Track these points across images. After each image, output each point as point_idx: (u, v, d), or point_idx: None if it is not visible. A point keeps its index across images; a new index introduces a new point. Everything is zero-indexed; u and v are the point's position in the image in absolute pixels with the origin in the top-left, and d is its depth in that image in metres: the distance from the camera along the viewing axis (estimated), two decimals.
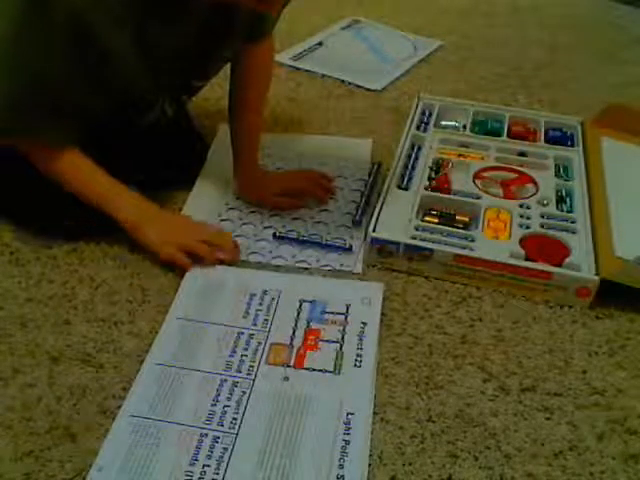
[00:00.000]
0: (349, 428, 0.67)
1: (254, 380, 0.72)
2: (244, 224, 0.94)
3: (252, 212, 0.96)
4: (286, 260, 0.88)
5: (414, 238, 0.87)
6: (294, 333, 0.77)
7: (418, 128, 1.09)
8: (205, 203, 0.97)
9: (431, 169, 1.00)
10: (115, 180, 0.85)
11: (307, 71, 1.34)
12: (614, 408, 0.71)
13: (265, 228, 0.93)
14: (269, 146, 1.08)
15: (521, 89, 1.30)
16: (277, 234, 0.91)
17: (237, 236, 0.91)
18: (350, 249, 0.89)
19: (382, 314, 0.80)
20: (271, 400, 0.70)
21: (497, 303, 0.83)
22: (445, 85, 1.30)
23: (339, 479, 0.63)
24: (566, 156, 1.03)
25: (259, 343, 0.76)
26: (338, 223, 0.94)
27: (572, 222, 0.90)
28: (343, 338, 0.77)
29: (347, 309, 0.80)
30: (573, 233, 0.89)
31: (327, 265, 0.87)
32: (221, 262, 0.86)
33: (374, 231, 0.87)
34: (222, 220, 0.95)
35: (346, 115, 1.20)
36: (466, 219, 0.91)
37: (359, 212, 0.95)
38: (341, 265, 0.87)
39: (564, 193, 0.96)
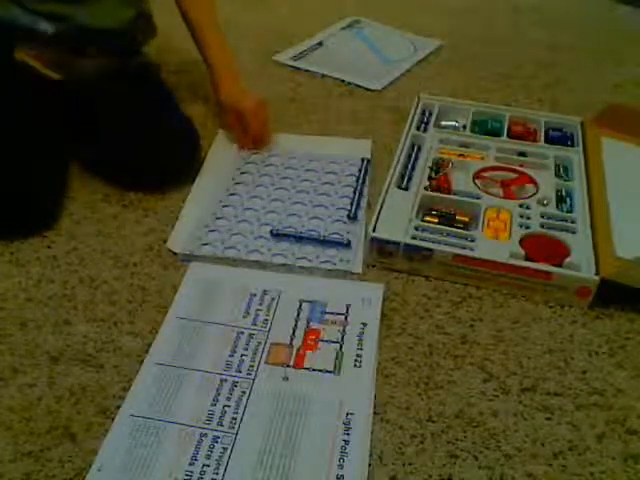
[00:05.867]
0: (349, 428, 0.67)
1: (254, 380, 0.72)
2: (240, 222, 0.94)
3: (247, 209, 0.96)
4: (285, 257, 0.88)
5: (414, 238, 0.87)
6: (294, 333, 0.77)
7: (418, 128, 1.09)
8: (202, 203, 0.97)
9: (431, 169, 1.00)
10: None
11: (307, 71, 1.34)
12: (614, 408, 0.71)
13: (262, 225, 0.93)
14: (268, 146, 1.09)
15: (521, 89, 1.30)
16: (275, 231, 0.92)
17: (234, 234, 0.92)
18: (348, 245, 0.90)
19: (382, 314, 0.80)
20: (271, 400, 0.70)
21: (497, 303, 0.83)
22: (445, 85, 1.30)
23: (339, 479, 0.63)
24: (566, 156, 1.03)
25: (259, 343, 0.76)
26: (334, 218, 0.95)
27: (572, 222, 0.90)
28: (343, 338, 0.77)
29: (347, 309, 0.80)
30: (573, 233, 0.89)
31: (327, 261, 0.87)
32: None
33: (374, 231, 0.87)
34: (217, 218, 0.95)
35: (346, 115, 1.20)
36: (466, 219, 0.91)
37: (354, 207, 0.96)
38: (340, 261, 0.87)
39: (564, 193, 0.96)
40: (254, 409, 0.69)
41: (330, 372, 0.73)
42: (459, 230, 0.89)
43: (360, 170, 1.04)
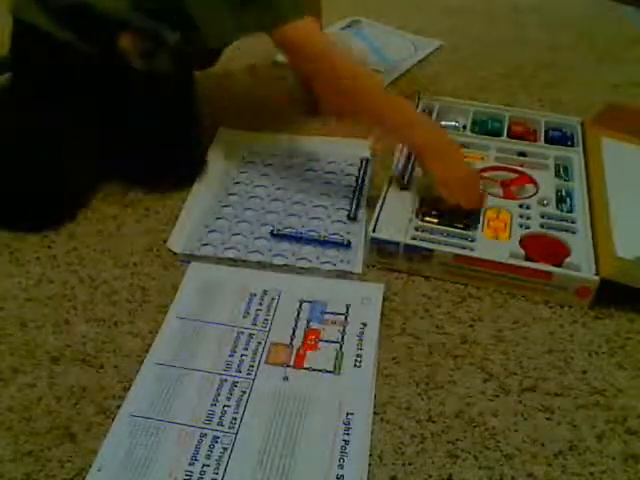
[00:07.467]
0: (349, 428, 0.67)
1: (254, 380, 0.72)
2: (240, 222, 0.94)
3: (247, 209, 0.96)
4: (286, 258, 0.88)
5: (414, 238, 0.87)
6: (294, 333, 0.77)
7: None
8: (202, 203, 0.97)
9: None
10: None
11: None
12: (614, 408, 0.71)
13: (262, 225, 0.93)
14: (267, 146, 1.09)
15: (521, 89, 1.30)
16: (275, 232, 0.92)
17: (234, 234, 0.92)
18: (349, 245, 0.90)
19: (382, 314, 0.80)
20: (271, 400, 0.70)
21: (497, 303, 0.83)
22: (445, 85, 1.30)
23: (339, 479, 0.63)
24: (566, 156, 1.03)
25: (259, 343, 0.76)
26: (334, 218, 0.95)
27: (572, 222, 0.90)
28: (343, 338, 0.77)
29: (347, 309, 0.80)
30: (573, 233, 0.89)
31: (327, 262, 0.87)
32: None
33: (374, 231, 0.87)
34: (217, 218, 0.95)
35: None
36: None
37: (354, 207, 0.96)
38: (341, 261, 0.88)
39: (564, 193, 0.96)
40: (254, 409, 0.69)
41: (330, 372, 0.73)
42: (459, 230, 0.89)
43: (360, 170, 1.04)
